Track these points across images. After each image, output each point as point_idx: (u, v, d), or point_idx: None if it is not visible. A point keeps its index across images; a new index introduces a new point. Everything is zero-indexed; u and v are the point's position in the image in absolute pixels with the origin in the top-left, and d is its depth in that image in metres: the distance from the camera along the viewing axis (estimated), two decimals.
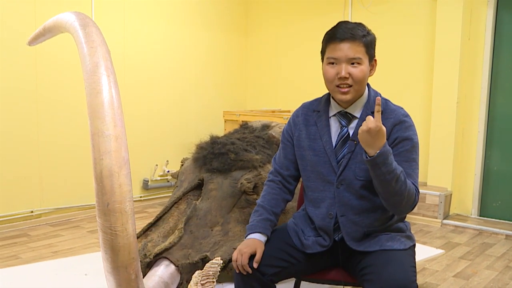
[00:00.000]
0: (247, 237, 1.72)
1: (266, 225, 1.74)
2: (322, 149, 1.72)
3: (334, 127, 1.74)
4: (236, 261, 1.64)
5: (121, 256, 1.47)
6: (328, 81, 1.69)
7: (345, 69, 1.62)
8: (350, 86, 1.64)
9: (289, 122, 1.86)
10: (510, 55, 4.01)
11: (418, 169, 1.68)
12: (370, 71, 1.70)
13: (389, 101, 1.75)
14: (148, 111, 4.63)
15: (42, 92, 3.81)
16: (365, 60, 1.65)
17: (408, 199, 1.57)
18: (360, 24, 1.68)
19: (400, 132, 1.65)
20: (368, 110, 1.70)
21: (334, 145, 1.71)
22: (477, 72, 4.12)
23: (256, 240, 1.69)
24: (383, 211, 1.69)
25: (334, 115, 1.74)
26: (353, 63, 1.63)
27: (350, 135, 1.70)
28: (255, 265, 1.63)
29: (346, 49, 1.62)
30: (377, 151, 1.49)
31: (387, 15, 4.56)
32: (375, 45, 1.71)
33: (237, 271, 1.66)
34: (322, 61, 1.72)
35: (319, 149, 1.73)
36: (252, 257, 1.65)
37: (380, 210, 1.69)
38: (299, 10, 5.22)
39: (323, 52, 1.71)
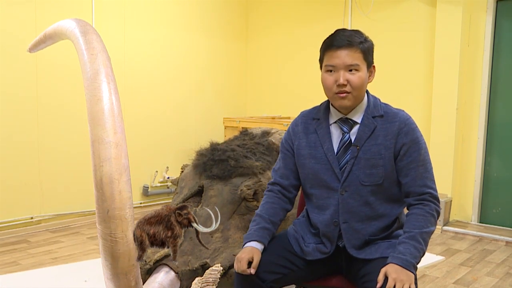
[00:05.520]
0: (244, 246, 1.72)
1: (263, 234, 1.74)
2: (324, 156, 1.72)
3: (335, 134, 1.74)
4: (236, 269, 1.64)
5: (121, 262, 1.47)
6: (327, 89, 1.70)
7: (343, 76, 1.63)
8: (349, 92, 1.65)
9: (288, 131, 1.86)
10: (509, 61, 4.03)
11: (432, 168, 1.69)
12: (368, 77, 1.71)
13: (388, 105, 1.76)
14: (148, 117, 4.64)
15: (43, 99, 3.82)
16: (363, 67, 1.66)
17: (435, 224, 1.67)
18: (357, 32, 1.69)
19: (408, 137, 1.66)
20: (369, 115, 1.70)
21: (336, 151, 1.71)
22: (476, 78, 4.13)
23: (253, 248, 1.69)
24: (386, 220, 1.70)
25: (335, 122, 1.74)
26: (351, 70, 1.64)
27: (352, 141, 1.70)
28: (252, 271, 1.63)
29: (343, 56, 1.63)
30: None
31: (386, 21, 4.57)
32: (373, 52, 1.72)
33: (238, 276, 1.66)
34: (321, 69, 1.73)
35: (321, 156, 1.73)
36: (250, 264, 1.65)
37: (382, 219, 1.69)
38: (299, 17, 5.24)
39: (321, 60, 1.72)
